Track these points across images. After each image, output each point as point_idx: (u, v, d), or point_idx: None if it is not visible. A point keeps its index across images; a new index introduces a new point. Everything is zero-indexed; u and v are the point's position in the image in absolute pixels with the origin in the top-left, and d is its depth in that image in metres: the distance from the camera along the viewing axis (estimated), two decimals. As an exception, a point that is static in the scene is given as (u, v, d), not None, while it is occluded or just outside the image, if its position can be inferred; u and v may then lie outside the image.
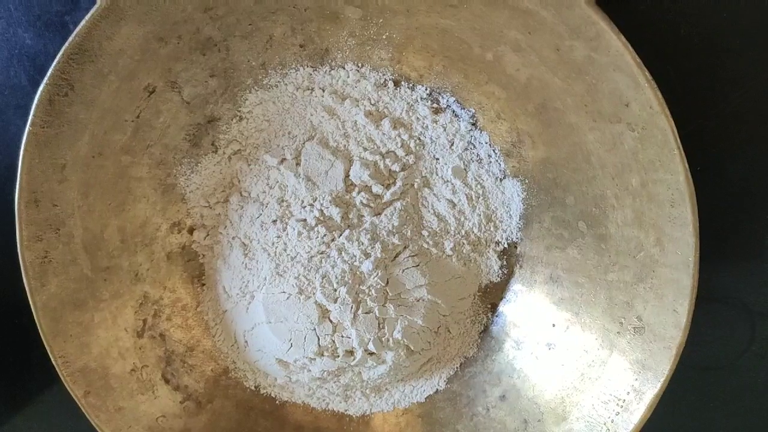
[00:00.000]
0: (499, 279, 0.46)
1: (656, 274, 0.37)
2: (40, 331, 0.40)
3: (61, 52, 0.36)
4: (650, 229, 0.37)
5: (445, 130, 0.44)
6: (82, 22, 0.36)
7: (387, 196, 0.44)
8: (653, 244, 0.37)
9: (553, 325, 0.43)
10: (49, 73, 0.37)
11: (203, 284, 0.47)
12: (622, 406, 0.38)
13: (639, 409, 0.37)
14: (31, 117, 0.37)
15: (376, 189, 0.44)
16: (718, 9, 0.39)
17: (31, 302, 0.40)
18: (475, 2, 0.37)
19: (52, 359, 0.40)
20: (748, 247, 0.44)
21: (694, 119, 0.41)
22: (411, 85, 0.43)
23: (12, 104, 0.47)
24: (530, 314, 0.45)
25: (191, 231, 0.47)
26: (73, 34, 0.36)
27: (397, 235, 0.44)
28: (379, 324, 0.43)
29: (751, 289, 0.44)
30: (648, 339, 0.38)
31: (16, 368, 0.52)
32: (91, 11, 0.36)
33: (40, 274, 0.40)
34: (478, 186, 0.44)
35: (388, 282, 0.43)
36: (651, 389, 0.37)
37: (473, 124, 0.44)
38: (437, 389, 0.47)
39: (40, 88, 0.37)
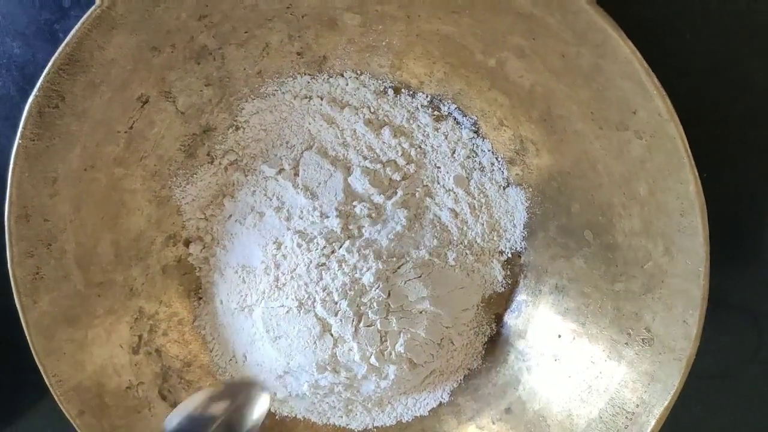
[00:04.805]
0: (503, 289, 0.45)
1: (665, 284, 0.36)
2: (32, 349, 0.39)
3: (51, 63, 0.35)
4: (659, 239, 0.36)
5: (446, 138, 0.43)
6: (73, 31, 0.35)
7: (388, 206, 0.43)
8: (662, 253, 0.36)
9: (559, 336, 0.42)
10: (38, 85, 0.35)
11: (200, 298, 0.46)
12: (631, 419, 0.38)
13: (648, 422, 0.37)
14: (20, 130, 0.36)
15: (377, 199, 0.43)
16: (723, 14, 0.39)
17: (22, 320, 0.39)
18: (477, 8, 0.36)
19: (45, 378, 0.39)
20: (755, 253, 0.43)
21: (699, 126, 0.40)
22: (411, 92, 0.43)
23: (1, 115, 0.45)
24: (535, 325, 0.44)
25: (187, 244, 0.46)
26: (64, 44, 0.35)
27: (398, 245, 0.43)
28: (381, 337, 0.42)
29: (758, 295, 0.44)
30: (657, 350, 0.37)
31: (7, 381, 0.51)
32: (87, 13, 0.34)
33: (31, 291, 0.39)
34: (481, 195, 0.43)
35: (389, 294, 0.42)
36: (661, 402, 0.36)
37: (475, 132, 0.43)
38: (441, 402, 0.46)
39: (30, 100, 0.36)
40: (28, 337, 0.39)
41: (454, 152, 0.43)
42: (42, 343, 0.39)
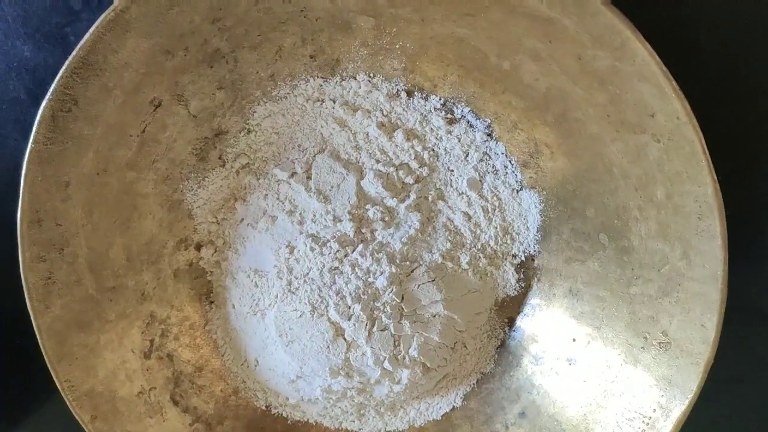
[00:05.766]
0: (516, 293, 0.45)
1: (682, 287, 0.36)
2: (44, 354, 0.39)
3: (64, 67, 0.35)
4: (676, 242, 0.36)
5: (459, 141, 0.43)
6: (87, 34, 0.35)
7: (401, 210, 0.43)
8: (679, 257, 0.36)
9: (574, 340, 0.42)
10: (52, 88, 0.35)
11: (212, 302, 0.46)
12: (648, 424, 0.37)
13: (666, 426, 0.36)
14: (33, 134, 0.36)
15: (390, 202, 0.43)
16: (738, 16, 0.39)
17: (34, 325, 0.38)
18: (492, 11, 0.36)
19: (57, 383, 0.39)
20: (771, 256, 0.43)
21: (714, 128, 0.40)
22: (424, 95, 0.42)
23: (11, 119, 0.45)
24: (549, 329, 0.43)
25: (198, 248, 0.45)
26: (78, 47, 0.35)
27: (411, 249, 0.43)
28: (394, 341, 0.42)
29: (775, 299, 0.44)
30: (674, 354, 0.37)
31: (15, 381, 0.50)
32: (102, 16, 0.34)
33: (43, 296, 0.38)
34: (494, 198, 0.43)
35: (403, 298, 0.42)
36: (678, 406, 0.36)
37: (489, 135, 0.43)
38: (454, 406, 0.46)
39: (43, 104, 0.35)
40: (40, 342, 0.38)
41: (467, 155, 0.43)
42: (54, 348, 0.39)
